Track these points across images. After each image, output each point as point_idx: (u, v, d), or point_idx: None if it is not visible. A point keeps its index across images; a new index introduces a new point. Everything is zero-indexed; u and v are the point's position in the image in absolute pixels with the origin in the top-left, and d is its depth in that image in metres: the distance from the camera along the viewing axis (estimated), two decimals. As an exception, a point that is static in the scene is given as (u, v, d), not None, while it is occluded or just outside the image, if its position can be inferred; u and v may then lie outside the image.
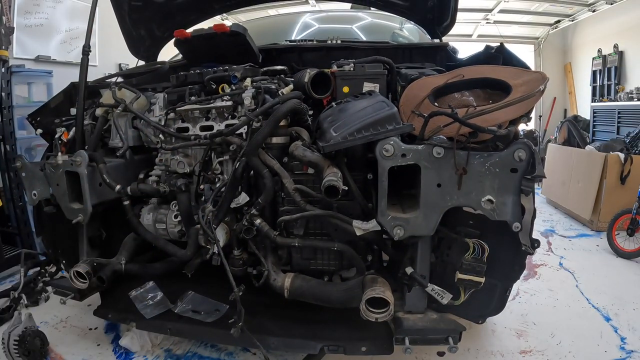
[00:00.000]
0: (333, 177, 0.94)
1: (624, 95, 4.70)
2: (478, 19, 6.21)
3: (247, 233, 1.14)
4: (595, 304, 1.91)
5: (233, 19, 5.03)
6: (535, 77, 1.03)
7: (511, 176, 0.93)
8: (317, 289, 1.13)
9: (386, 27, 2.35)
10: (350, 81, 1.21)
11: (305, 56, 1.56)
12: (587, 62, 6.00)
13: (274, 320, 1.25)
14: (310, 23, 2.35)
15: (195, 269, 1.31)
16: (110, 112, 1.37)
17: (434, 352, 1.41)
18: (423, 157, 0.94)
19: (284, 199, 1.15)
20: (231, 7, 2.09)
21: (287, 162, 1.15)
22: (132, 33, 1.87)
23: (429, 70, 1.27)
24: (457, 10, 1.69)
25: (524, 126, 1.06)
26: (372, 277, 1.10)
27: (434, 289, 1.07)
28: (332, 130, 0.98)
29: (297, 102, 1.09)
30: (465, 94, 1.13)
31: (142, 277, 1.37)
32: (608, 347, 1.56)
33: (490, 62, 1.21)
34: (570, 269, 2.35)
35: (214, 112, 1.27)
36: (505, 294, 1.16)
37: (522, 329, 1.69)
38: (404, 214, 0.99)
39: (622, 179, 2.95)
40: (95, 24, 1.39)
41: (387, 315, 1.05)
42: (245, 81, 1.27)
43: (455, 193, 0.95)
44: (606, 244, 2.66)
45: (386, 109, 0.97)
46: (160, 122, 1.32)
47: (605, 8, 5.20)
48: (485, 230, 1.06)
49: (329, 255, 1.20)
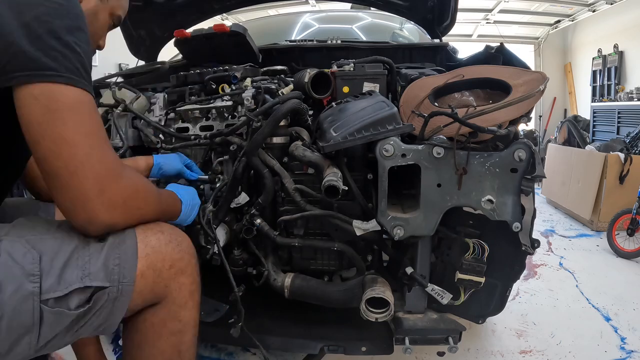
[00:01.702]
0: (333, 177, 0.94)
1: (624, 95, 4.71)
2: (478, 19, 6.21)
3: (247, 233, 1.14)
4: (595, 304, 1.91)
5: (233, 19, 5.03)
6: (535, 77, 1.03)
7: (511, 176, 0.93)
8: (317, 289, 1.13)
9: (386, 27, 2.35)
10: (350, 81, 1.21)
11: (305, 56, 1.56)
12: (587, 62, 6.01)
13: (274, 320, 1.25)
14: (310, 23, 2.35)
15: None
16: (110, 112, 1.37)
17: (434, 352, 1.41)
18: (423, 157, 0.94)
19: (284, 199, 1.15)
20: (231, 7, 2.09)
21: (287, 162, 1.15)
22: (132, 33, 1.87)
23: (429, 70, 1.27)
24: (457, 10, 1.69)
25: (524, 126, 1.06)
26: (372, 277, 1.10)
27: (434, 289, 1.07)
28: (332, 130, 0.98)
29: (297, 102, 1.09)
30: (465, 94, 1.13)
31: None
32: (608, 347, 1.56)
33: (490, 62, 1.21)
34: (570, 269, 2.35)
35: (214, 112, 1.27)
36: (505, 294, 1.16)
37: (522, 329, 1.69)
38: (404, 214, 0.99)
39: (622, 179, 2.95)
40: (95, 24, 1.39)
41: (387, 315, 1.05)
42: (245, 81, 1.27)
43: (455, 193, 0.95)
44: (606, 244, 2.66)
45: (386, 109, 0.97)
46: (160, 122, 1.32)
47: (605, 8, 5.20)
48: (485, 230, 1.06)
49: (329, 255, 1.20)
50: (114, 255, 0.66)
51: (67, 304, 0.62)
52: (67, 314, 0.62)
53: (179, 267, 0.74)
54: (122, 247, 0.67)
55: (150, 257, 0.70)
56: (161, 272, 0.71)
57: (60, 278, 0.61)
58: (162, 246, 0.72)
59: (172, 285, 0.73)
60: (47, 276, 0.60)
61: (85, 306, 0.63)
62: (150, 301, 0.73)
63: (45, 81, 0.59)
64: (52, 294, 0.60)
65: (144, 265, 0.69)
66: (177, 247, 0.74)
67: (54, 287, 0.60)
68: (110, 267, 0.65)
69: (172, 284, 0.73)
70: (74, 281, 0.62)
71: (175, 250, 0.74)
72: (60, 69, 0.60)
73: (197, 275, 0.79)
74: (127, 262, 0.67)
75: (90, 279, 0.63)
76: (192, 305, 0.77)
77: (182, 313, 0.76)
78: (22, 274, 0.59)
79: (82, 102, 0.63)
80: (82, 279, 0.63)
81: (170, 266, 0.72)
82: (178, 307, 0.75)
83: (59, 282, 0.61)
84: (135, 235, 0.70)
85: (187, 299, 0.76)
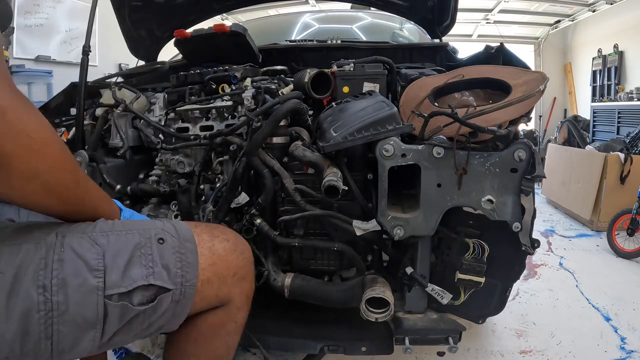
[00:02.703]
0: (333, 177, 0.94)
1: (624, 95, 4.71)
2: (478, 19, 6.21)
3: (247, 233, 1.14)
4: (595, 304, 1.91)
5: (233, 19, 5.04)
6: (535, 77, 1.03)
7: (511, 176, 0.93)
8: (317, 289, 1.13)
9: (386, 27, 2.35)
10: (350, 81, 1.21)
11: (305, 56, 1.56)
12: (587, 62, 6.01)
13: (274, 320, 1.25)
14: (310, 23, 2.35)
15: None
16: (110, 112, 1.37)
17: (434, 352, 1.41)
18: (423, 157, 0.94)
19: (284, 199, 1.15)
20: (231, 7, 2.09)
21: (287, 162, 1.15)
22: (132, 33, 1.87)
23: (429, 70, 1.27)
24: (457, 10, 1.68)
25: (524, 126, 1.06)
26: (372, 277, 1.10)
27: (434, 289, 1.07)
28: (332, 130, 0.98)
29: (297, 102, 1.09)
30: (465, 94, 1.13)
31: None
32: (608, 347, 1.57)
33: (490, 62, 1.21)
34: (570, 269, 2.35)
35: (214, 112, 1.27)
36: (505, 294, 1.16)
37: (522, 329, 1.69)
38: (404, 214, 0.99)
39: (622, 179, 2.95)
40: (95, 24, 1.39)
41: (387, 315, 1.05)
42: (245, 81, 1.27)
43: (455, 193, 0.95)
44: (606, 244, 2.66)
45: (386, 109, 0.97)
46: (160, 122, 1.32)
47: (605, 8, 5.20)
48: (485, 230, 1.06)
49: (329, 255, 1.20)
50: (175, 257, 0.67)
51: (130, 300, 0.62)
52: (131, 309, 0.62)
53: (242, 274, 0.79)
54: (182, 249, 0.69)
55: (217, 265, 0.73)
56: (225, 279, 0.75)
57: (124, 274, 0.62)
58: (228, 254, 0.76)
59: (234, 291, 0.78)
60: (111, 272, 0.61)
61: (148, 304, 0.64)
62: (214, 305, 0.76)
63: None
64: (117, 289, 0.61)
65: (210, 272, 0.72)
66: (241, 255, 0.79)
67: (118, 282, 0.61)
68: (173, 270, 0.67)
69: (235, 289, 0.78)
70: (139, 278, 0.63)
71: (239, 258, 0.78)
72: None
73: (254, 280, 0.85)
74: (189, 266, 0.69)
75: (154, 277, 0.64)
76: (247, 308, 0.83)
77: (239, 315, 0.82)
78: (87, 269, 0.59)
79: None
80: (146, 277, 0.63)
81: (234, 273, 0.77)
82: (237, 310, 0.80)
83: (123, 278, 0.62)
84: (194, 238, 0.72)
85: (245, 303, 0.82)
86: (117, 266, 0.62)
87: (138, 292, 0.63)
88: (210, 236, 0.75)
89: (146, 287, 0.63)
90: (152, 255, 0.65)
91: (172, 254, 0.67)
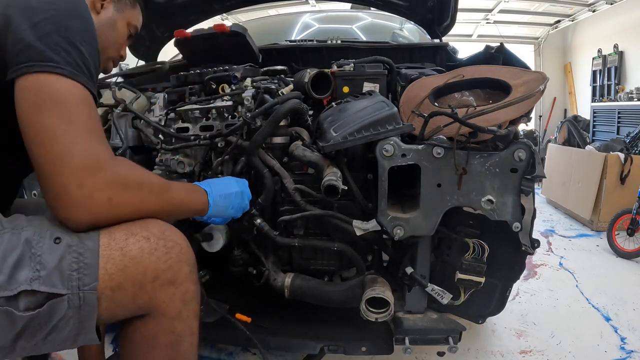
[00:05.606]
0: (333, 177, 0.94)
1: (624, 95, 4.71)
2: (478, 19, 6.21)
3: (247, 233, 1.14)
4: (595, 304, 1.91)
5: (233, 19, 5.03)
6: (535, 77, 1.03)
7: (511, 176, 0.93)
8: (317, 289, 1.13)
9: (386, 27, 2.35)
10: (350, 81, 1.21)
11: (305, 56, 1.56)
12: (587, 62, 6.00)
13: (274, 320, 1.25)
14: (310, 23, 2.35)
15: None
16: (110, 112, 1.37)
17: (434, 352, 1.41)
18: (423, 157, 0.94)
19: (284, 199, 1.15)
20: (231, 7, 2.09)
21: (287, 162, 1.15)
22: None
23: (429, 70, 1.27)
24: (457, 10, 1.68)
25: (524, 126, 1.06)
26: (372, 277, 1.10)
27: (434, 289, 1.07)
28: (332, 130, 0.98)
29: (297, 102, 1.09)
30: (465, 94, 1.13)
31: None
32: (608, 347, 1.57)
33: (490, 62, 1.21)
34: (570, 269, 2.35)
35: (214, 112, 1.27)
36: (505, 294, 1.16)
37: (522, 329, 1.69)
38: (404, 214, 0.99)
39: (622, 179, 2.95)
40: (95, 24, 1.39)
41: (387, 315, 1.05)
42: (245, 81, 1.27)
43: (455, 193, 0.95)
44: (606, 244, 2.66)
45: (386, 109, 0.97)
46: (160, 122, 1.32)
47: (605, 8, 5.20)
48: (485, 230, 1.06)
49: (329, 255, 1.20)
50: (71, 258, 0.60)
51: (16, 305, 0.57)
52: (17, 315, 0.57)
53: (166, 278, 0.67)
54: (81, 249, 0.61)
55: (130, 269, 0.64)
56: (143, 285, 0.65)
57: (11, 277, 0.57)
58: (145, 257, 0.65)
59: (159, 297, 0.67)
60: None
61: (35, 310, 0.58)
62: (137, 312, 0.68)
63: (42, 71, 0.60)
64: (2, 292, 0.56)
65: (121, 277, 0.63)
66: (164, 256, 0.67)
67: (4, 285, 0.57)
68: (67, 272, 0.60)
69: (159, 295, 0.67)
70: (22, 282, 0.57)
71: (160, 260, 0.66)
72: (60, 62, 0.61)
73: (191, 282, 0.71)
74: (87, 267, 0.61)
75: (39, 282, 0.58)
76: (187, 314, 0.71)
77: (176, 324, 0.70)
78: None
79: (72, 94, 0.62)
80: (30, 282, 0.57)
81: (154, 278, 0.66)
82: (170, 320, 0.69)
83: (9, 281, 0.57)
84: (97, 236, 0.63)
85: (180, 309, 0.70)
86: (6, 267, 0.57)
87: (23, 297, 0.57)
88: (125, 234, 0.65)
89: (30, 292, 0.58)
90: (41, 257, 0.59)
91: (68, 254, 0.60)
